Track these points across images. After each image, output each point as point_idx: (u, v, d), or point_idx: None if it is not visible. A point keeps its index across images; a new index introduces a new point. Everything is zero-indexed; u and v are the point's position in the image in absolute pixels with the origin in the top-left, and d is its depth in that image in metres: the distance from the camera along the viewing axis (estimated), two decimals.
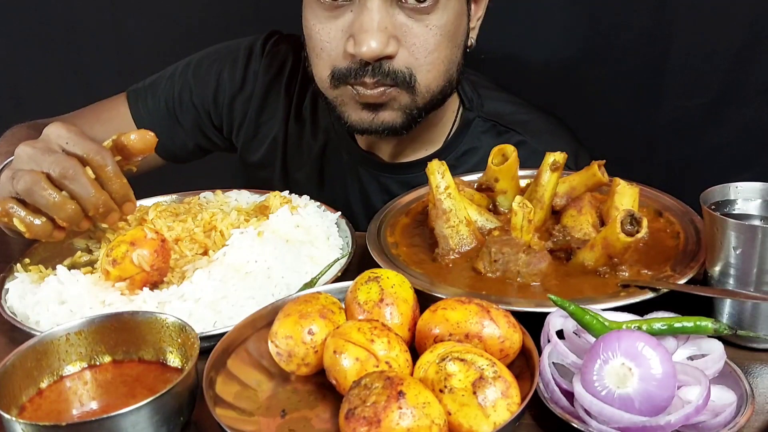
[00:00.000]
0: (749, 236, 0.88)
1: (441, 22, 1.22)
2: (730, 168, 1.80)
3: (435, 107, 1.31)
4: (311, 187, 1.48)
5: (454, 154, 1.40)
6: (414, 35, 1.21)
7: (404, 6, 1.19)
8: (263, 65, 1.51)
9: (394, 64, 1.21)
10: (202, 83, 1.53)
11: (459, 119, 1.42)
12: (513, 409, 0.75)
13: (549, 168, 1.13)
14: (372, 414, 0.71)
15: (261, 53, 1.52)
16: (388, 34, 1.18)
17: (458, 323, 0.84)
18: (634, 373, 0.76)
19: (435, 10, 1.20)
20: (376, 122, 1.27)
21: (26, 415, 0.82)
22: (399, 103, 1.25)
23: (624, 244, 0.98)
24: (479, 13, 1.35)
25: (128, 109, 1.54)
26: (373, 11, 1.17)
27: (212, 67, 1.53)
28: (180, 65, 1.56)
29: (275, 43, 1.52)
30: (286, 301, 0.94)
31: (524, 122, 1.42)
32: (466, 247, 1.08)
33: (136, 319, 0.89)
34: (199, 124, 1.56)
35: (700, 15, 1.75)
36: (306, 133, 1.49)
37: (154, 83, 1.56)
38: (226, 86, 1.52)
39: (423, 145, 1.42)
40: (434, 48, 1.23)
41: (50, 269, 1.11)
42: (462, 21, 1.27)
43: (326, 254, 1.13)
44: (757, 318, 0.91)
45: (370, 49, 1.17)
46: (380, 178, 1.44)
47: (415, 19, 1.20)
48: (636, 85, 1.85)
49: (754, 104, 1.78)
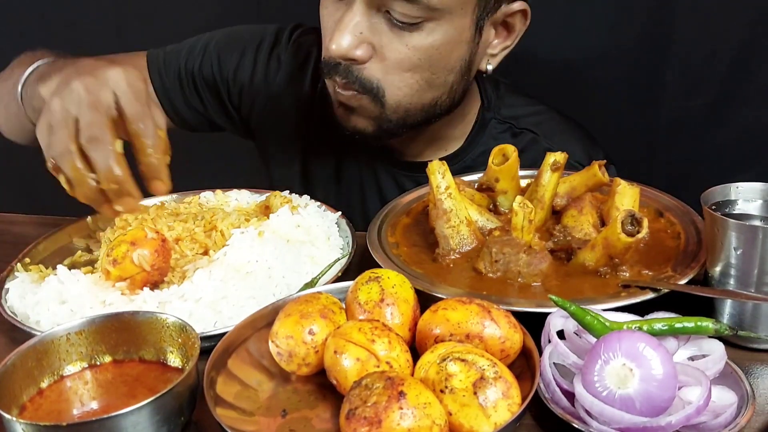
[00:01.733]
0: (750, 237, 0.88)
1: (422, 45, 1.18)
2: (730, 168, 1.79)
3: (419, 125, 1.30)
4: (328, 182, 1.48)
5: (471, 154, 1.40)
6: (390, 50, 1.19)
7: (389, 17, 1.16)
8: (289, 52, 1.49)
9: (364, 71, 1.20)
10: (223, 59, 1.51)
11: (478, 119, 1.42)
12: (514, 410, 0.75)
13: (549, 168, 1.13)
14: (373, 414, 0.71)
15: (288, 41, 1.50)
16: (361, 38, 1.17)
17: (459, 323, 0.84)
18: (635, 373, 0.76)
19: (418, 31, 1.17)
20: (350, 124, 1.27)
21: (27, 414, 0.82)
22: (368, 111, 1.24)
23: (625, 244, 0.98)
24: (507, 42, 1.30)
25: (145, 69, 1.51)
26: (354, 12, 1.16)
27: (237, 46, 1.51)
28: (203, 37, 1.54)
29: (302, 33, 1.51)
30: (286, 301, 0.94)
31: (539, 123, 1.42)
32: (466, 247, 1.08)
33: (136, 319, 0.89)
34: (216, 97, 1.53)
35: (700, 15, 1.74)
36: (326, 126, 1.49)
37: (176, 51, 1.53)
38: (247, 67, 1.50)
39: (442, 145, 1.42)
40: (408, 68, 1.20)
41: (50, 269, 1.11)
42: (457, 48, 1.22)
43: (327, 254, 1.13)
44: (758, 318, 0.91)
45: (338, 47, 1.16)
46: (397, 176, 1.44)
47: (395, 34, 1.18)
48: (636, 86, 1.85)
49: (755, 104, 1.78)
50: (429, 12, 1.15)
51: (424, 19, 1.16)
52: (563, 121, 1.46)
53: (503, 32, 1.30)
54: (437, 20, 1.17)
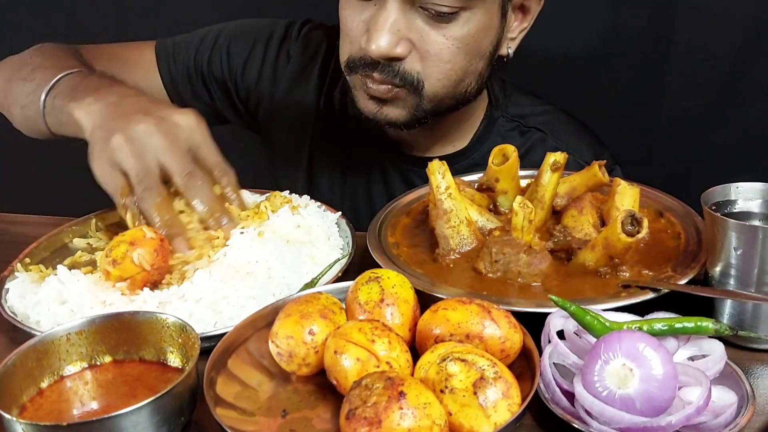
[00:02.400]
0: (750, 237, 0.88)
1: (460, 34, 1.20)
2: (730, 168, 1.79)
3: (446, 112, 1.31)
4: (334, 175, 1.48)
5: (479, 152, 1.41)
6: (428, 42, 1.20)
7: (424, 11, 1.18)
8: (299, 47, 1.50)
9: (405, 65, 1.21)
10: (234, 51, 1.51)
11: (486, 118, 1.43)
12: (514, 410, 0.75)
13: (549, 168, 1.13)
14: (373, 414, 0.71)
15: (297, 35, 1.51)
16: (400, 35, 1.18)
17: (459, 323, 0.84)
18: (635, 373, 0.76)
19: (455, 21, 1.19)
20: (380, 115, 1.27)
21: (27, 415, 0.82)
22: (405, 102, 1.25)
23: (625, 244, 0.98)
24: (524, 24, 1.33)
25: (154, 59, 1.51)
26: (390, 11, 1.17)
27: (247, 38, 1.52)
28: (213, 30, 1.54)
29: (311, 28, 1.52)
30: (286, 301, 0.94)
31: (547, 122, 1.43)
32: (466, 247, 1.08)
33: (136, 319, 0.89)
34: (225, 89, 1.54)
35: (700, 15, 1.75)
36: (334, 121, 1.49)
37: (186, 41, 1.53)
38: (257, 60, 1.50)
39: (450, 141, 1.42)
40: (448, 59, 1.22)
41: (51, 269, 1.11)
42: (488, 34, 1.25)
43: (327, 254, 1.13)
44: (758, 319, 0.91)
45: (378, 48, 1.18)
46: (404, 171, 1.44)
47: (432, 27, 1.19)
48: (636, 86, 1.85)
49: (755, 105, 1.78)
50: (465, 1, 1.18)
51: (461, 8, 1.18)
52: (571, 121, 1.47)
53: (519, 15, 1.32)
54: (471, 9, 1.19)
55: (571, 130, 1.45)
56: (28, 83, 1.28)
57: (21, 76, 1.32)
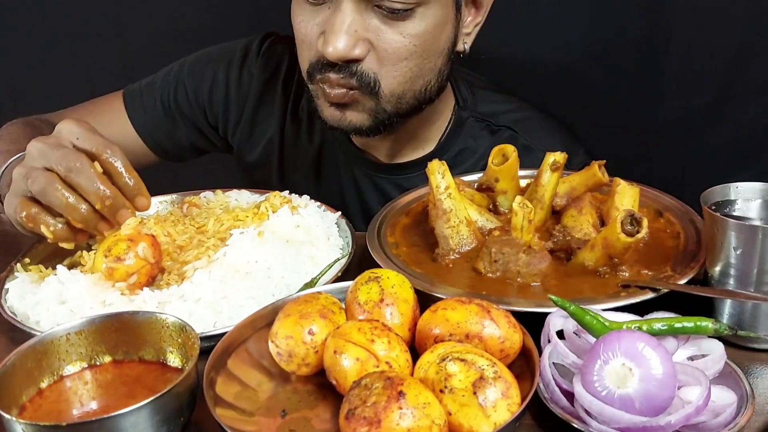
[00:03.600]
0: (749, 236, 0.88)
1: (417, 31, 1.20)
2: (730, 168, 1.80)
3: (410, 113, 1.30)
4: (308, 187, 1.47)
5: (448, 154, 1.40)
6: (385, 41, 1.19)
7: (380, 10, 1.17)
8: (259, 65, 1.51)
9: (362, 66, 1.21)
10: (197, 82, 1.53)
11: (453, 119, 1.42)
12: (513, 410, 0.75)
13: (549, 168, 1.13)
14: (372, 414, 0.71)
15: (257, 53, 1.52)
16: (357, 37, 1.18)
17: (458, 323, 0.84)
18: (635, 373, 0.76)
19: (411, 18, 1.18)
20: (343, 121, 1.27)
21: (26, 415, 0.82)
22: (363, 105, 1.25)
23: (624, 244, 0.98)
24: (478, 18, 1.32)
25: (123, 108, 1.54)
26: (345, 13, 1.16)
27: (208, 67, 1.53)
28: (175, 65, 1.57)
29: (271, 43, 1.52)
30: (286, 301, 0.94)
31: (517, 120, 1.42)
32: (466, 247, 1.08)
33: (136, 319, 0.89)
34: (195, 123, 1.56)
35: (699, 15, 1.75)
36: (302, 134, 1.49)
37: (150, 83, 1.56)
38: (221, 86, 1.52)
39: (419, 144, 1.42)
40: (405, 56, 1.21)
41: (50, 269, 1.11)
42: (445, 30, 1.24)
43: (326, 254, 1.13)
44: (758, 318, 0.91)
45: (336, 50, 1.17)
46: (375, 179, 1.44)
47: (389, 26, 1.18)
48: (635, 85, 1.85)
49: (754, 104, 1.78)
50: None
51: (416, 4, 1.17)
52: (543, 118, 1.46)
53: (473, 9, 1.31)
54: (427, 4, 1.19)
55: (543, 127, 1.43)
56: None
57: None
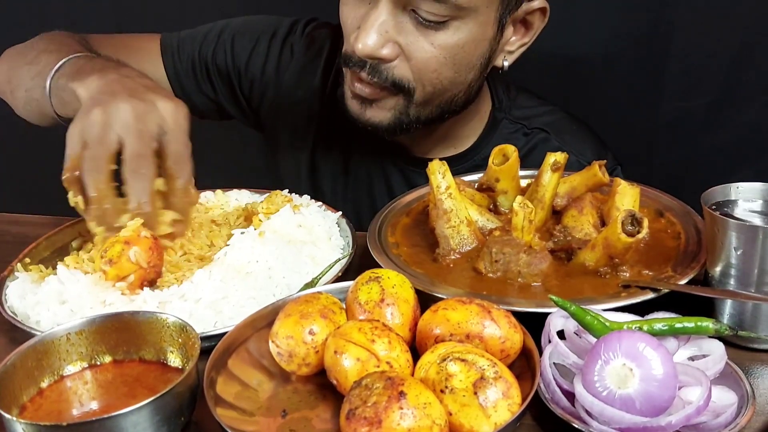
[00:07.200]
0: (750, 237, 0.88)
1: (448, 44, 1.19)
2: (730, 168, 1.79)
3: (433, 121, 1.30)
4: (336, 175, 1.48)
5: (481, 154, 1.40)
6: (416, 49, 1.19)
7: (414, 15, 1.17)
8: (303, 44, 1.50)
9: (395, 70, 1.20)
10: (238, 46, 1.51)
11: (489, 119, 1.43)
12: (514, 410, 0.75)
13: (550, 168, 1.13)
14: (373, 414, 0.71)
15: (302, 33, 1.51)
16: (387, 37, 1.18)
17: (459, 323, 0.84)
18: (635, 373, 0.76)
19: (444, 30, 1.18)
20: (363, 116, 1.27)
21: (27, 414, 0.82)
22: (389, 105, 1.25)
23: (625, 244, 0.98)
24: (525, 39, 1.31)
25: (159, 52, 1.51)
26: (380, 11, 1.17)
27: (251, 34, 1.51)
28: (217, 25, 1.54)
29: (316, 27, 1.52)
30: (286, 301, 0.94)
31: (550, 123, 1.43)
32: (466, 247, 1.08)
33: (136, 319, 0.89)
34: (229, 85, 1.53)
35: (700, 15, 1.74)
36: (336, 120, 1.48)
37: (191, 36, 1.53)
38: (261, 56, 1.50)
39: (453, 142, 1.42)
40: (434, 68, 1.21)
41: (50, 269, 1.11)
42: (480, 46, 1.23)
43: (327, 254, 1.13)
44: (758, 318, 0.91)
45: (364, 46, 1.17)
46: (405, 171, 1.44)
47: (420, 33, 1.18)
48: (636, 86, 1.85)
49: (755, 104, 1.78)
50: (456, 11, 1.16)
51: (451, 17, 1.17)
52: (574, 122, 1.47)
53: (521, 29, 1.30)
54: (463, 19, 1.18)
55: (574, 131, 1.45)
56: (34, 66, 1.28)
57: (26, 60, 1.32)
